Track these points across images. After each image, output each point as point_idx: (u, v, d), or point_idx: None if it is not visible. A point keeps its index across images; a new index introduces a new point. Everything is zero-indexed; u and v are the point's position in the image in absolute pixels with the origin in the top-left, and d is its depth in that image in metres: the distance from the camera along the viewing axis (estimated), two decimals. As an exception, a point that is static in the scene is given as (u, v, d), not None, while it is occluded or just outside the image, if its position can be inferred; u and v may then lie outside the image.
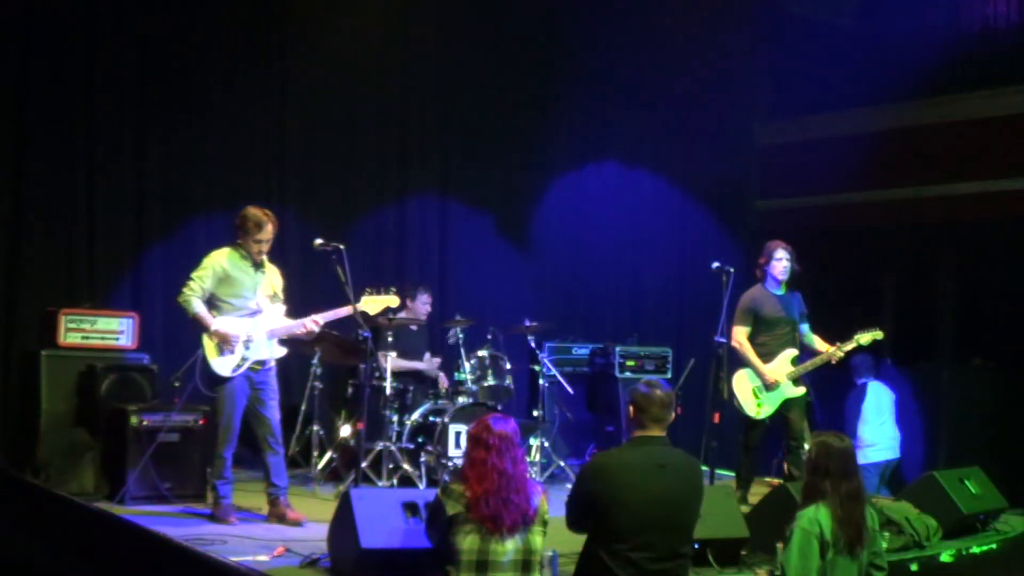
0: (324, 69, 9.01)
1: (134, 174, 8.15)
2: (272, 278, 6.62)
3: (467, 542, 4.12)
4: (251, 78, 8.71)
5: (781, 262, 7.57)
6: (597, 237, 10.57)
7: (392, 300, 6.91)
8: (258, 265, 6.52)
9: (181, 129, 8.33)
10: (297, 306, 6.97)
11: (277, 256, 6.74)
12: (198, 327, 6.39)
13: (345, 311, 6.63)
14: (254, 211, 6.48)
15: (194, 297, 6.36)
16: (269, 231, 6.46)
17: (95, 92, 7.93)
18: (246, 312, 6.46)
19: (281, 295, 6.66)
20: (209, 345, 6.37)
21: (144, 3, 8.15)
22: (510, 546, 4.15)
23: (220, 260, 6.45)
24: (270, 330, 6.49)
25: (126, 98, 8.09)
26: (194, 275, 6.42)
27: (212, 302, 6.43)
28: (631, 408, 4.54)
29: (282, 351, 6.61)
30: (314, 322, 6.55)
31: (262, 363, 6.48)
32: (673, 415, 4.56)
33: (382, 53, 9.42)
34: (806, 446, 6.33)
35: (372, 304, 6.78)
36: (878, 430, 8.95)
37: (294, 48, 8.92)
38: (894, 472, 9.00)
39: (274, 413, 6.56)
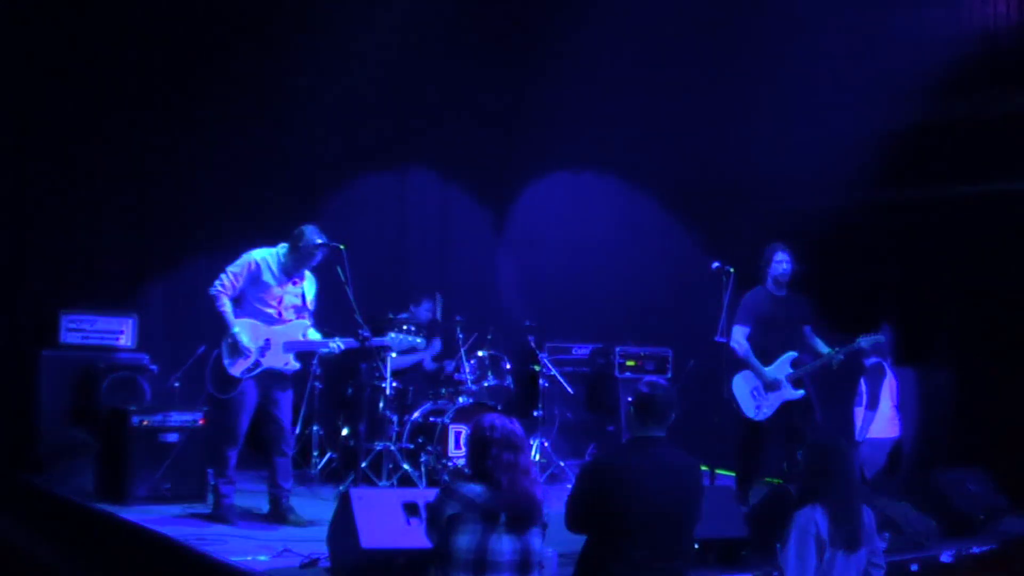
0: (324, 69, 9.00)
1: (135, 174, 8.16)
2: (306, 289, 6.62)
3: (465, 542, 4.12)
4: (252, 78, 8.71)
5: (781, 264, 7.58)
6: (597, 237, 10.57)
7: (419, 342, 6.98)
8: (292, 276, 6.51)
9: (182, 130, 8.33)
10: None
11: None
12: (220, 322, 6.39)
13: (375, 342, 6.64)
14: (312, 238, 6.44)
15: (223, 294, 6.37)
16: (319, 259, 6.50)
17: (97, 92, 7.93)
18: (268, 318, 6.46)
19: (312, 307, 6.64)
20: (225, 345, 6.38)
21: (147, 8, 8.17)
22: (508, 546, 4.15)
23: (257, 261, 6.45)
24: (288, 342, 6.48)
25: (127, 98, 8.10)
26: (228, 270, 6.43)
27: (240, 299, 6.45)
28: (632, 408, 4.54)
29: (296, 364, 6.60)
30: (337, 347, 6.57)
31: (275, 372, 6.48)
32: (673, 415, 4.57)
33: (382, 53, 9.40)
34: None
35: (398, 342, 6.79)
36: (890, 409, 8.95)
37: (296, 49, 8.91)
38: (894, 456, 9.00)
39: (286, 416, 6.56)
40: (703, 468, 6.75)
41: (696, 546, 5.50)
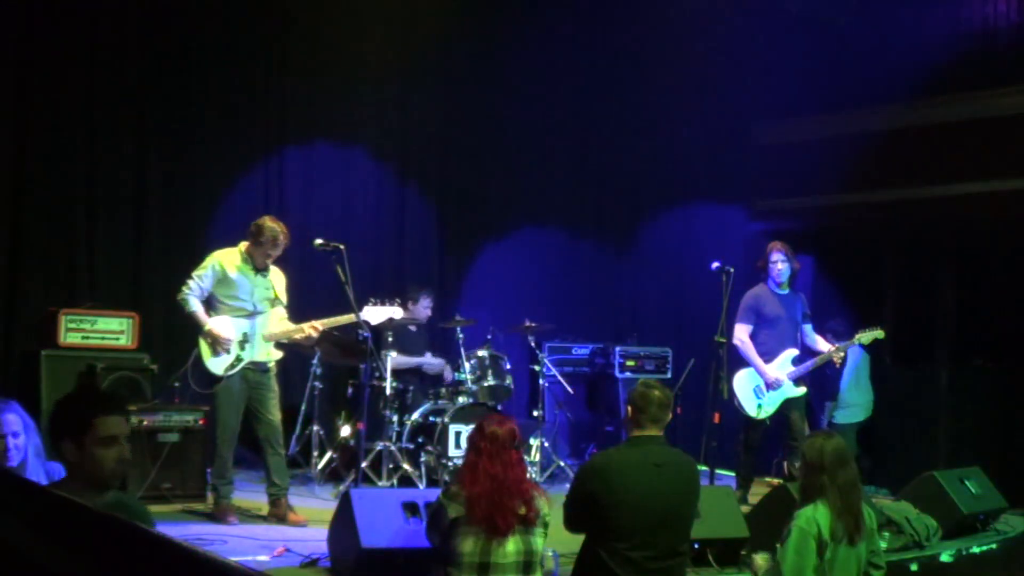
0: (325, 71, 9.01)
1: (134, 174, 8.15)
2: (275, 281, 6.62)
3: (468, 544, 4.12)
4: (252, 78, 8.71)
5: (777, 264, 7.60)
6: (596, 237, 10.57)
7: (396, 311, 6.94)
8: (260, 269, 6.52)
9: (181, 129, 8.33)
10: (297, 306, 6.97)
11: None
12: (194, 325, 6.41)
13: (346, 318, 6.65)
14: (271, 226, 6.46)
15: (191, 296, 6.39)
16: (281, 248, 6.49)
17: (96, 91, 7.92)
18: (244, 313, 6.47)
19: (283, 298, 6.66)
20: (204, 345, 6.39)
21: (145, 4, 8.15)
22: (511, 547, 4.15)
23: (221, 260, 6.47)
24: (267, 333, 6.50)
25: (126, 98, 8.09)
26: (194, 274, 6.46)
27: (211, 301, 6.46)
28: (629, 408, 4.55)
29: (278, 354, 6.62)
30: (313, 328, 6.57)
31: (259, 365, 6.49)
32: (671, 415, 4.57)
33: (381, 58, 9.40)
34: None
35: (375, 313, 6.79)
36: (857, 391, 9.01)
37: (296, 50, 8.92)
38: (866, 432, 9.06)
39: (274, 414, 6.56)
40: (703, 468, 6.75)
41: (696, 546, 5.51)
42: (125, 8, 8.05)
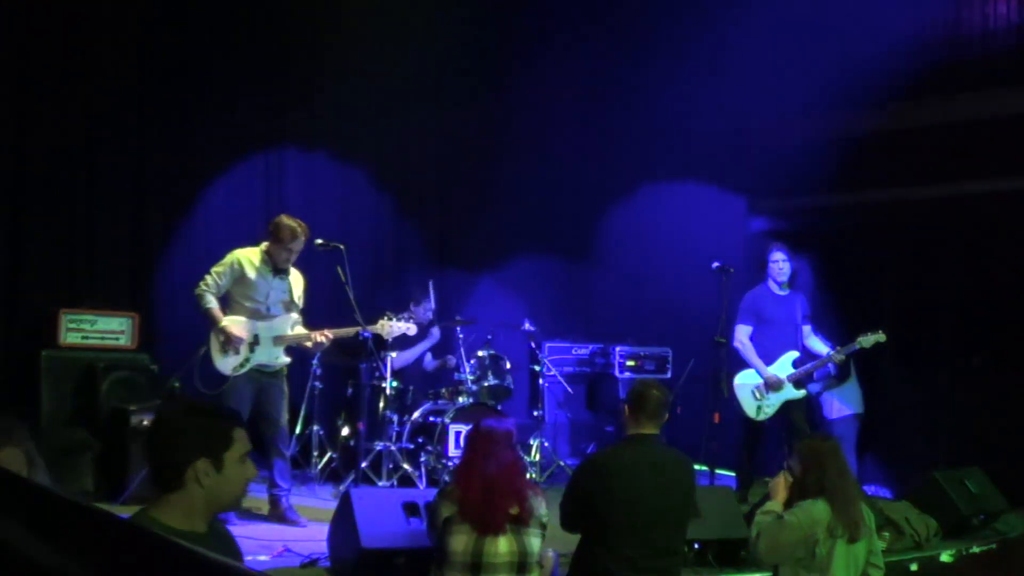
0: (328, 76, 9.01)
1: (134, 174, 8.16)
2: (293, 285, 6.62)
3: (460, 543, 4.12)
4: (253, 81, 8.71)
5: (777, 264, 7.60)
6: (596, 237, 10.57)
7: (411, 328, 6.94)
8: (280, 271, 6.52)
9: (181, 130, 8.34)
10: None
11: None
12: (207, 322, 6.42)
13: (356, 331, 6.64)
14: (288, 222, 6.47)
15: (208, 292, 6.40)
16: (301, 243, 6.49)
17: (95, 92, 7.93)
18: (256, 315, 6.47)
19: (300, 303, 6.65)
20: (215, 342, 6.40)
21: (146, 6, 8.16)
22: (503, 547, 4.15)
23: (241, 259, 6.47)
24: (278, 336, 6.49)
25: (126, 98, 8.09)
26: (213, 270, 6.47)
27: (225, 299, 6.46)
28: (626, 407, 4.56)
29: (286, 359, 6.61)
30: (324, 336, 6.56)
31: (266, 367, 6.48)
32: (668, 414, 4.58)
33: (382, 63, 9.40)
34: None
35: (389, 328, 6.78)
36: (852, 389, 9.06)
37: (296, 53, 8.92)
38: (866, 431, 9.13)
39: (281, 416, 6.56)
40: (703, 468, 6.76)
41: (696, 546, 5.52)
42: (126, 9, 8.05)
